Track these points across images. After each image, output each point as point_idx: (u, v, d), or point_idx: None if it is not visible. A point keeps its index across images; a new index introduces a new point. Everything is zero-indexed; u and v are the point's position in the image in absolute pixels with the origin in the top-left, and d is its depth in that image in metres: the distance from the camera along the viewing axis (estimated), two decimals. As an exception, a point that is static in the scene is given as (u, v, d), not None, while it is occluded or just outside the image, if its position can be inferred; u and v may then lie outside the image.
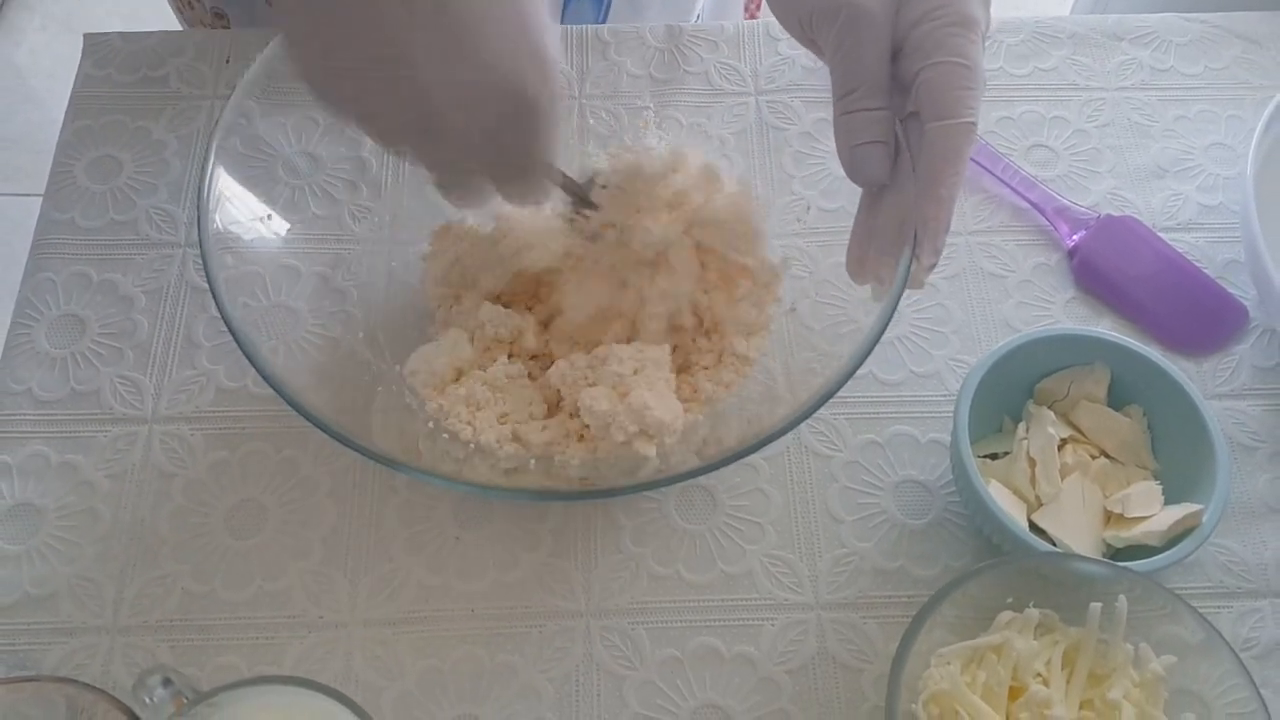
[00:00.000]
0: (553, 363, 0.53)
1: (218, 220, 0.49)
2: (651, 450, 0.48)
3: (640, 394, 0.49)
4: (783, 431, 0.46)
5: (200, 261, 0.61)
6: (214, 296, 0.47)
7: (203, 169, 0.50)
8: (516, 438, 0.51)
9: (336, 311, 0.56)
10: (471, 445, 0.50)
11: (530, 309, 0.57)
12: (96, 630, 0.51)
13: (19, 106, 1.83)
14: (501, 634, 0.52)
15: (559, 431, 0.52)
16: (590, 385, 0.50)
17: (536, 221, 0.55)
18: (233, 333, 0.47)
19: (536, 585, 0.53)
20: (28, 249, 0.62)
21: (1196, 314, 0.62)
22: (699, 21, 0.82)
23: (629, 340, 0.54)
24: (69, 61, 0.69)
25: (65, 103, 0.67)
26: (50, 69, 1.87)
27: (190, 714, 0.39)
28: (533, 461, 0.51)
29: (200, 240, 0.48)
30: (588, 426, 0.50)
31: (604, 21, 0.78)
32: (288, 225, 0.55)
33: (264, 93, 0.53)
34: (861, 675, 0.51)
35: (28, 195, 1.72)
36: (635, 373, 0.50)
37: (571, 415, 0.52)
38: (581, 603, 0.53)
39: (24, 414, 0.56)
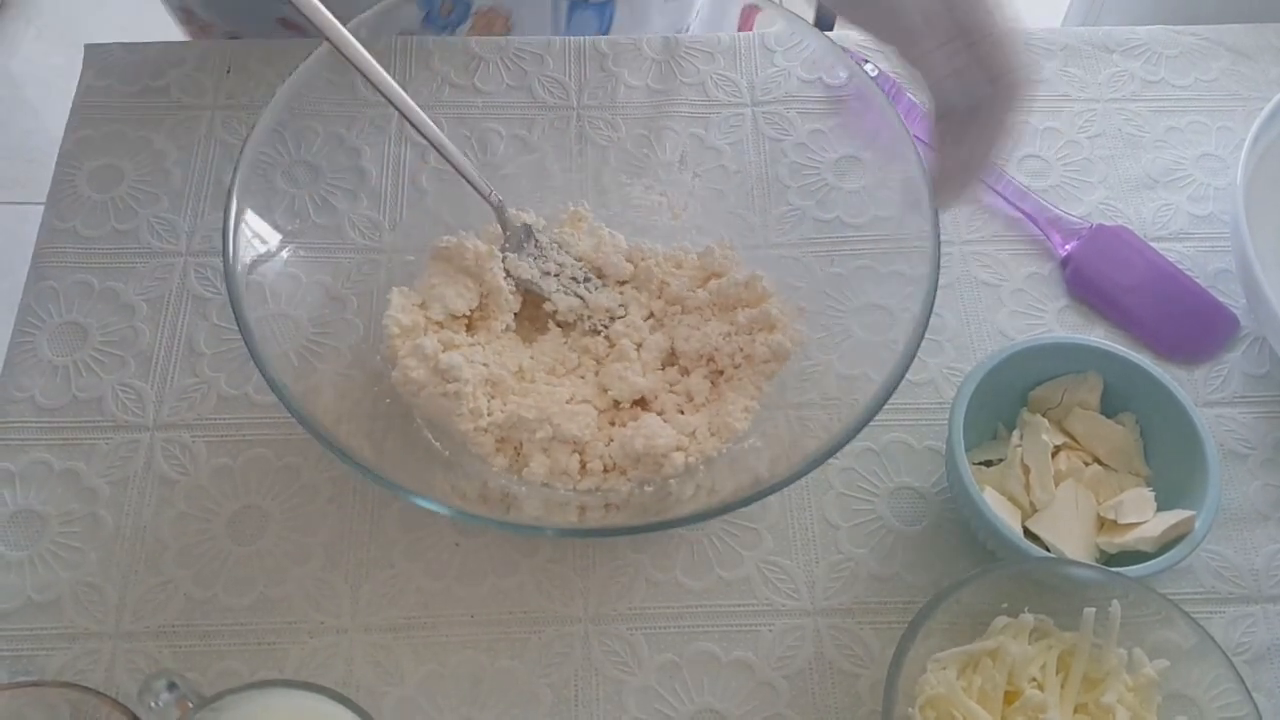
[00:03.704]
0: None
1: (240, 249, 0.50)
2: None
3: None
4: (819, 461, 0.47)
5: (200, 271, 0.62)
6: (246, 340, 0.48)
7: (228, 199, 0.50)
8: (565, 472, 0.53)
9: (335, 320, 0.56)
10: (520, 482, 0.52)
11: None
12: (99, 636, 0.51)
13: (14, 115, 1.83)
14: (501, 639, 0.52)
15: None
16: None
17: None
18: (263, 371, 0.47)
19: (535, 591, 0.53)
20: (21, 258, 0.62)
21: (1188, 323, 0.63)
22: (691, 32, 0.82)
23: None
24: (64, 71, 0.69)
25: (61, 112, 0.67)
26: (46, 78, 1.87)
27: (195, 718, 0.39)
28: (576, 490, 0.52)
29: (226, 274, 0.49)
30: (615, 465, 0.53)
31: (607, 32, 0.79)
32: (288, 234, 0.56)
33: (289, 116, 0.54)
34: (858, 680, 0.52)
35: (22, 204, 1.72)
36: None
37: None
38: (580, 608, 0.53)
39: (26, 421, 0.57)
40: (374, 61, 0.51)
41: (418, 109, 0.53)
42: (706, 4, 0.84)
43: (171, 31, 0.84)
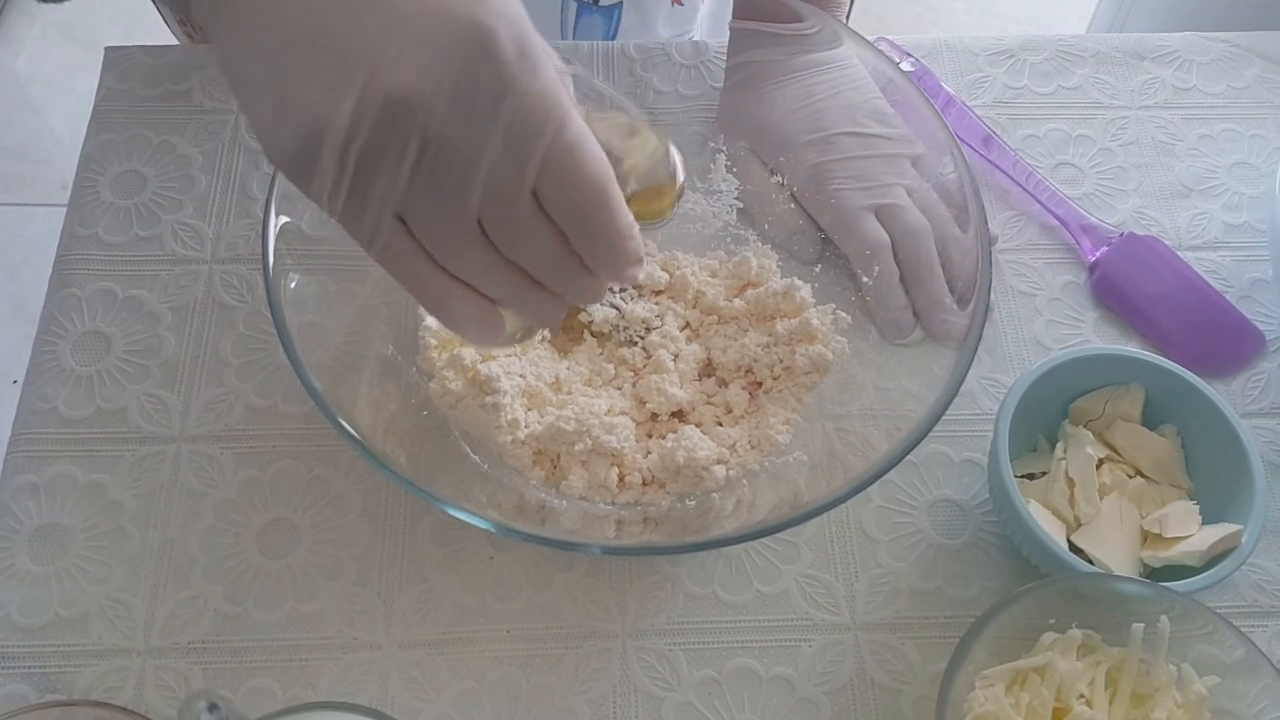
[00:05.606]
0: None
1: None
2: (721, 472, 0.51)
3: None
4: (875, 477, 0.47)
5: (226, 279, 0.61)
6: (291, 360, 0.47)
7: (267, 205, 0.49)
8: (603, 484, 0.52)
9: (366, 330, 0.55)
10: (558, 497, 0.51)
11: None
12: (128, 652, 0.50)
13: (17, 115, 1.81)
14: (537, 655, 0.51)
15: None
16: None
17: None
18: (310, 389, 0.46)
19: (571, 605, 0.53)
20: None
21: (1211, 337, 0.62)
22: (696, 38, 0.82)
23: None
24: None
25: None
26: (49, 77, 1.86)
27: (239, 741, 0.38)
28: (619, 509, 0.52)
29: (266, 281, 0.48)
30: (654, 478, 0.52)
31: (614, 37, 0.78)
32: (315, 241, 0.54)
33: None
34: (900, 696, 0.51)
35: (26, 205, 1.71)
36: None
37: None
38: (617, 624, 0.52)
39: (50, 433, 0.56)
40: None
41: None
42: (708, 12, 0.83)
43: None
